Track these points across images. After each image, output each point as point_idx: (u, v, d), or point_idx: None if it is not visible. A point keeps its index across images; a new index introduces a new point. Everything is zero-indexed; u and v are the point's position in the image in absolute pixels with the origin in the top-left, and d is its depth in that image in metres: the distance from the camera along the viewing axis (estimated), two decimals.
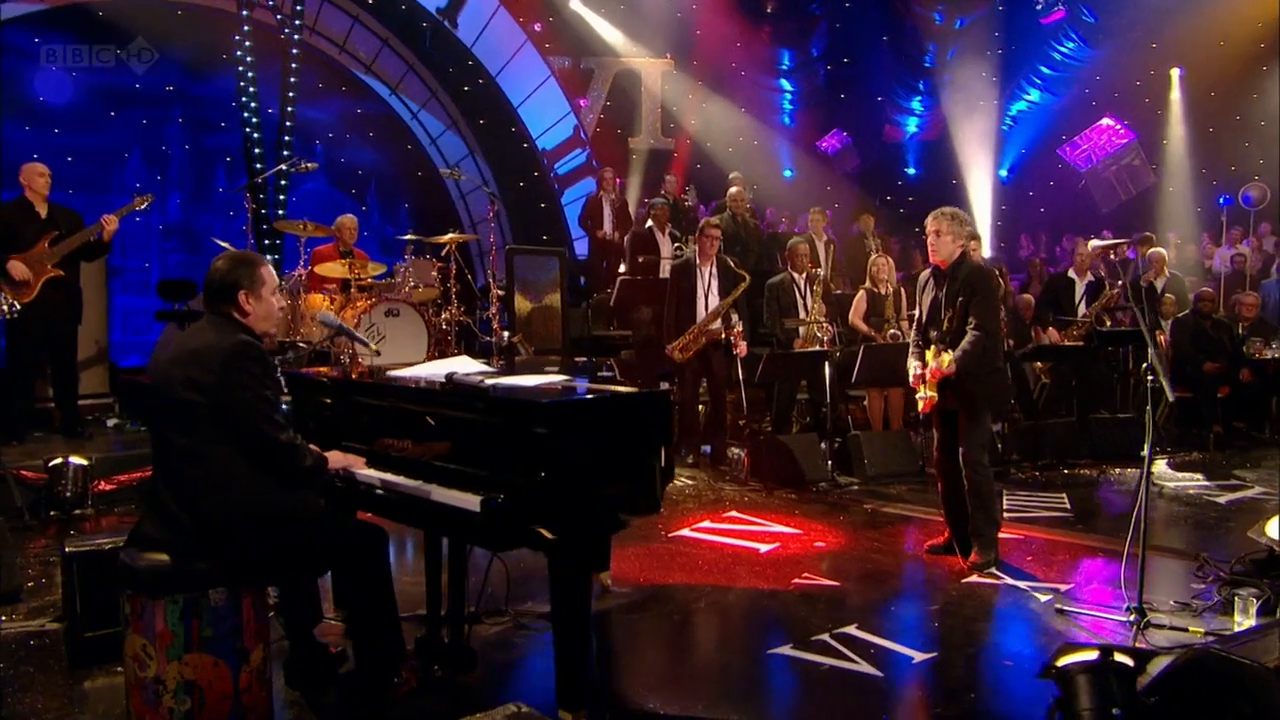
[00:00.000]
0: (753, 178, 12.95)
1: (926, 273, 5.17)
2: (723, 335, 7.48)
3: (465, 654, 3.39)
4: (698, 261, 7.64)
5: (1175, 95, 14.73)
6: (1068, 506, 6.31)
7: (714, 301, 7.53)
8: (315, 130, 12.12)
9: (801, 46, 14.83)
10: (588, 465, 2.84)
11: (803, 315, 7.85)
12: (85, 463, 5.86)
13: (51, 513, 5.70)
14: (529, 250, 9.84)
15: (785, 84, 15.30)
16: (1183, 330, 9.13)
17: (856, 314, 8.21)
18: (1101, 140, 15.99)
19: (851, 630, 3.98)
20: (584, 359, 9.14)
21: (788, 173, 16.24)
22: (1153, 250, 11.00)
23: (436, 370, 3.53)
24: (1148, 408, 3.82)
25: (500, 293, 8.65)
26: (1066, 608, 4.22)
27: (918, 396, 5.13)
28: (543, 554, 2.83)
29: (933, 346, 4.94)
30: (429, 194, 13.69)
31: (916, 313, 5.27)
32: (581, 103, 13.85)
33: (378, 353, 3.28)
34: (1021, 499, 6.50)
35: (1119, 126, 15.68)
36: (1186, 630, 3.92)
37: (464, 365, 3.70)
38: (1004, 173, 15.98)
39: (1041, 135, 15.89)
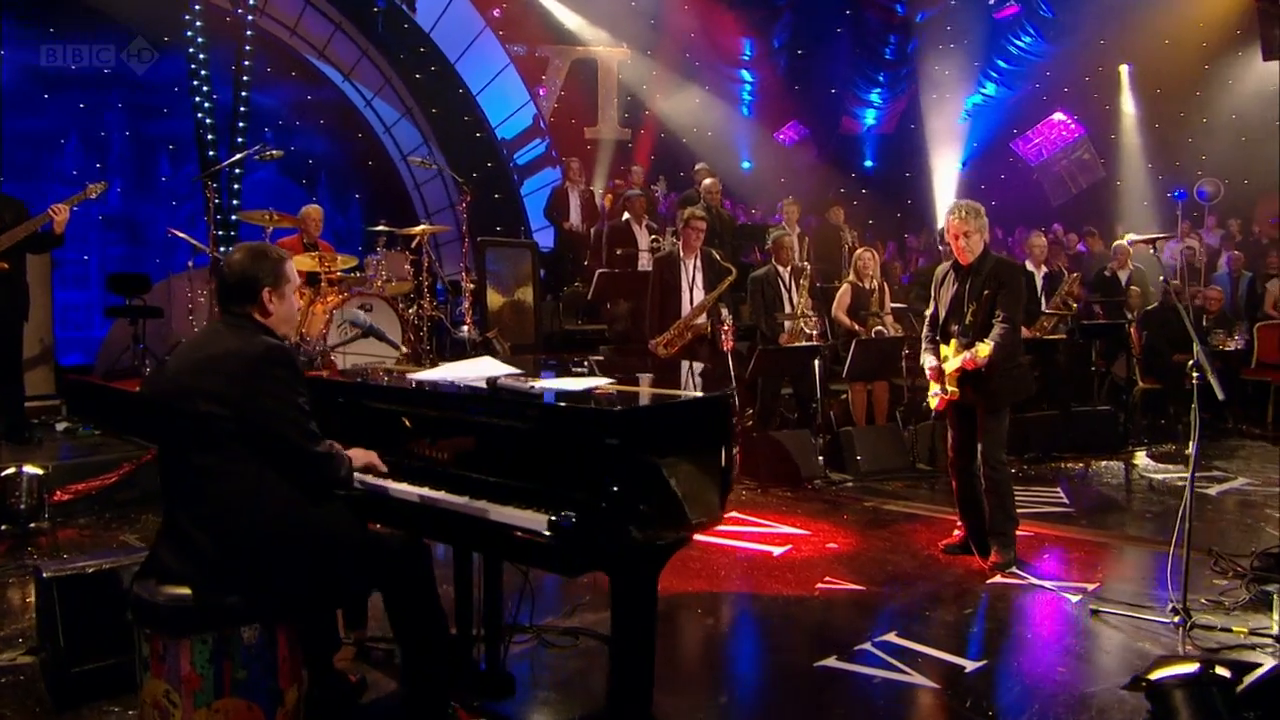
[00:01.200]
0: (711, 169, 12.77)
1: (945, 266, 5.04)
2: (708, 330, 7.29)
3: (503, 679, 3.13)
4: (681, 254, 7.42)
5: (1125, 91, 14.96)
6: (1066, 501, 6.26)
7: (699, 295, 7.32)
8: (265, 117, 11.55)
9: (764, 37, 14.70)
10: (651, 478, 2.59)
11: (788, 309, 7.69)
12: (40, 472, 5.40)
13: (3, 527, 5.24)
14: (501, 242, 9.52)
15: (746, 75, 15.16)
16: (1153, 322, 9.25)
17: (840, 307, 8.09)
18: (1053, 134, 16.22)
19: (892, 638, 3.82)
20: (561, 359, 8.85)
21: (746, 164, 16.13)
22: (1117, 243, 11.16)
23: (463, 373, 3.25)
24: (1193, 405, 3.72)
25: (473, 286, 8.34)
26: (1102, 609, 4.12)
27: (931, 393, 5.00)
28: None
29: (953, 341, 4.81)
30: (382, 184, 13.23)
31: (932, 307, 5.13)
32: (541, 91, 13.51)
33: (404, 353, 2.98)
34: (1019, 494, 6.38)
35: (1070, 121, 15.90)
36: (1230, 630, 3.84)
37: (489, 367, 3.42)
38: (959, 166, 16.10)
39: (995, 129, 16.04)
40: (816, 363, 7.14)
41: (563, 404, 2.69)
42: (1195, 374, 3.70)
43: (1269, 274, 10.42)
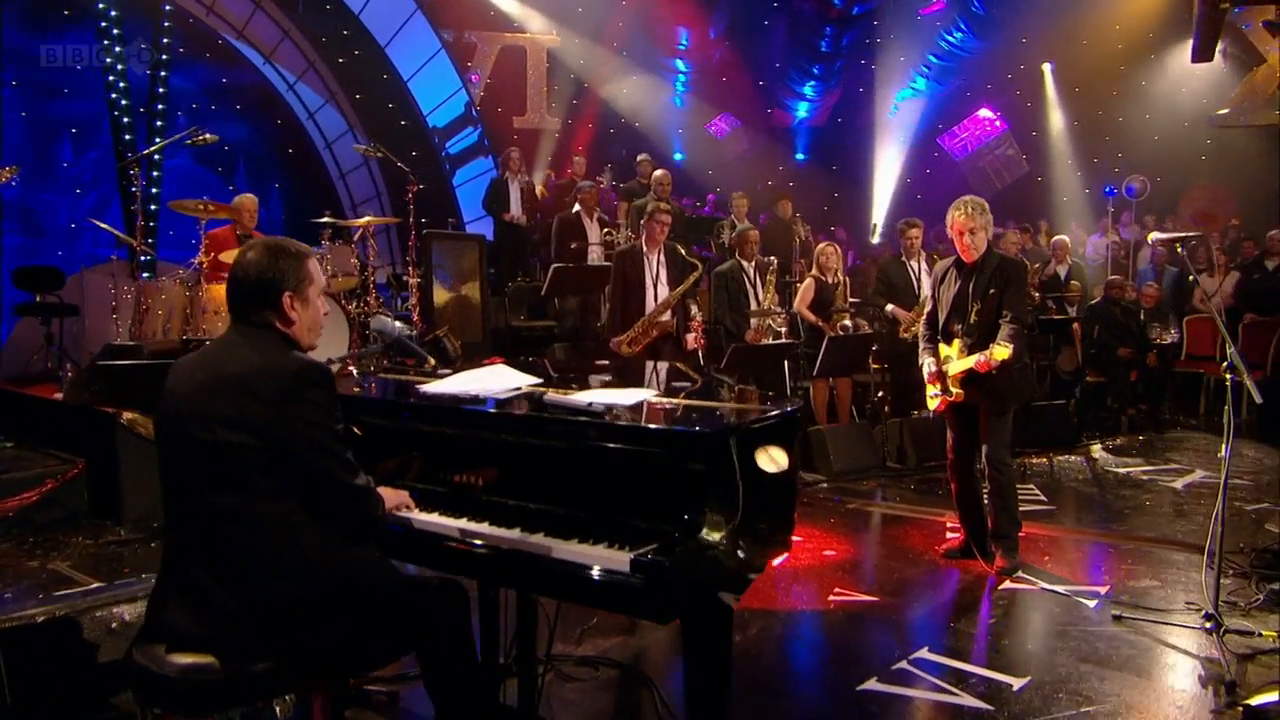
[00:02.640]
0: (653, 161, 12.50)
1: (945, 264, 4.89)
2: (674, 327, 7.03)
3: None
4: (645, 248, 7.12)
5: (1049, 89, 15.29)
6: (1043, 498, 6.24)
7: (663, 291, 7.02)
8: (178, 99, 10.76)
9: (700, 26, 14.48)
10: (749, 502, 2.31)
11: (754, 306, 7.49)
12: None
13: None
14: (447, 235, 9.04)
15: (681, 64, 14.92)
16: (1096, 317, 9.39)
17: (803, 303, 7.92)
18: (978, 130, 16.48)
19: (926, 655, 3.64)
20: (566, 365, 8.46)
21: (679, 155, 15.90)
22: (1056, 238, 11.35)
23: (485, 384, 2.90)
24: (1226, 407, 3.63)
25: (419, 280, 7.89)
26: (1125, 614, 4.02)
27: (931, 394, 4.84)
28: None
29: (955, 341, 4.66)
30: (305, 172, 12.53)
31: (929, 306, 4.99)
32: (473, 78, 13.00)
33: (437, 370, 2.61)
34: None
35: (994, 117, 16.18)
36: (1259, 634, 3.78)
37: (510, 377, 3.08)
38: (889, 160, 16.21)
39: (924, 124, 16.19)
40: (787, 361, 6.97)
41: (652, 426, 2.38)
42: (1229, 375, 3.60)
43: (1198, 268, 10.70)
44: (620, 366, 5.28)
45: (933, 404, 4.85)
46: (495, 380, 3.01)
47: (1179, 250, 4.11)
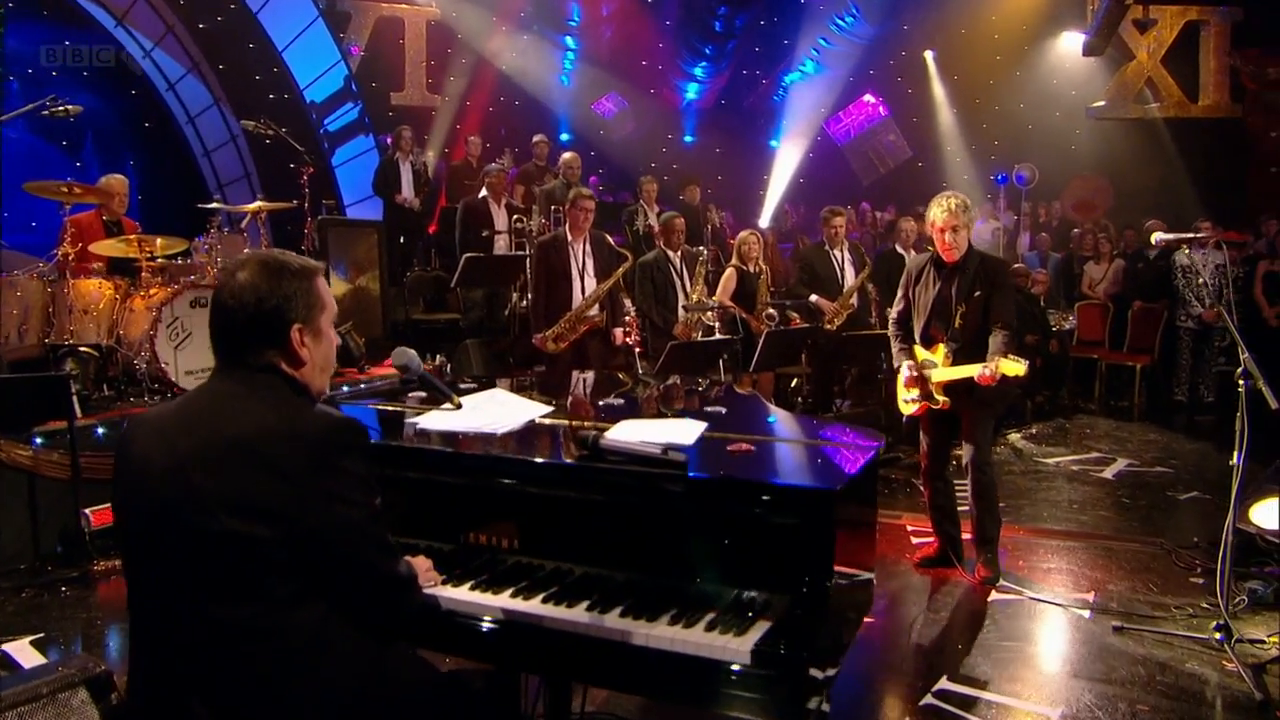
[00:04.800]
0: (548, 141, 11.95)
1: (919, 261, 4.64)
2: (602, 322, 6.62)
3: None
4: (569, 237, 6.67)
5: (932, 77, 15.57)
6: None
7: (590, 283, 6.62)
8: (13, 63, 9.49)
9: (593, 3, 13.96)
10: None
11: (682, 298, 7.14)
12: None
13: None
14: (341, 222, 8.29)
15: (570, 41, 14.36)
16: None
17: (726, 293, 7.62)
18: (861, 115, 16.65)
19: (947, 685, 3.41)
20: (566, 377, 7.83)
21: (565, 136, 15.38)
22: None
23: (491, 416, 2.43)
24: (1239, 414, 3.52)
25: None
26: (1127, 626, 3.91)
27: (907, 398, 4.60)
28: None
29: (941, 347, 4.42)
30: (163, 149, 11.36)
31: (901, 305, 4.71)
32: (353, 50, 12.07)
33: (459, 406, 2.11)
34: None
35: (877, 103, 16.38)
36: (1265, 641, 3.72)
37: (507, 403, 2.62)
38: (775, 143, 16.20)
39: (809, 107, 16.22)
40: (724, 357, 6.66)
41: (778, 481, 1.97)
42: (1242, 380, 3.48)
43: (1084, 255, 11.06)
44: (626, 389, 4.63)
45: (908, 409, 4.64)
46: (499, 410, 2.53)
47: (1185, 251, 4.00)
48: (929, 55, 15.74)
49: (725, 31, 14.39)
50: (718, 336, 6.74)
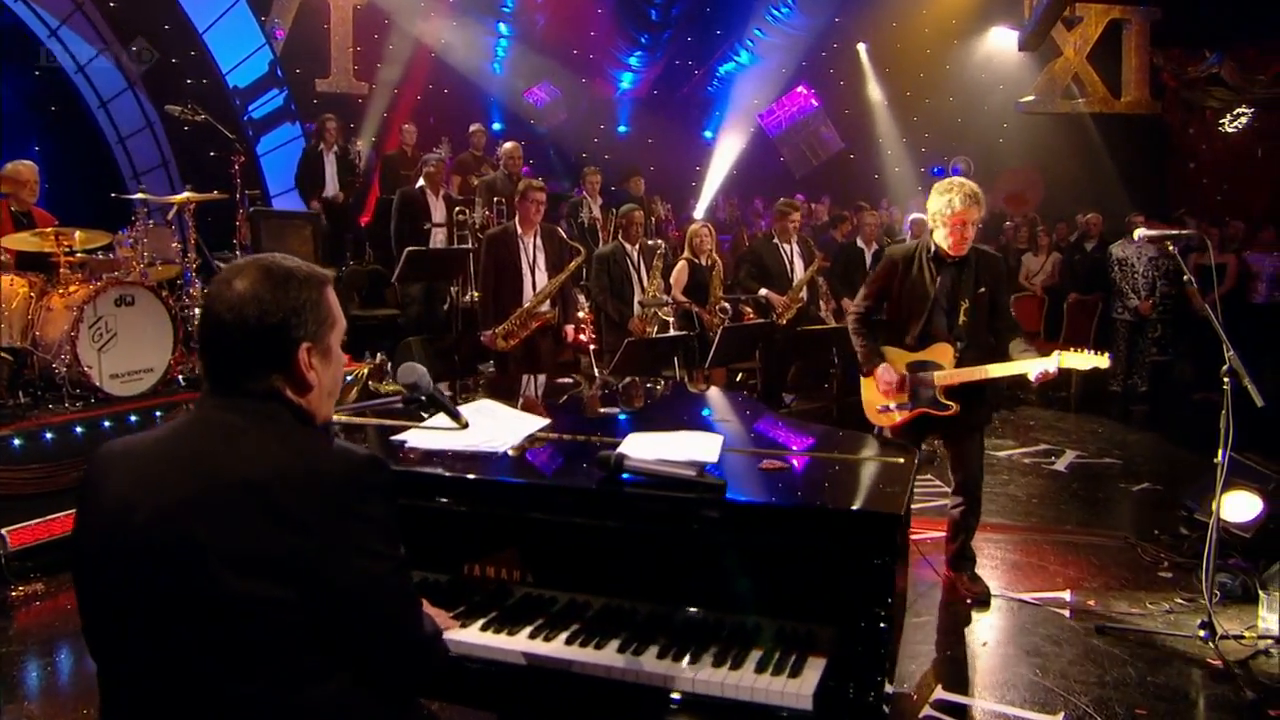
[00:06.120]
0: (485, 130, 11.63)
1: (902, 251, 4.25)
2: (554, 319, 6.40)
3: None
4: (519, 230, 6.43)
5: (865, 69, 15.67)
6: (947, 489, 6.13)
7: (542, 278, 6.39)
8: None
9: None
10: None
11: (639, 292, 6.98)
12: None
13: None
14: (275, 214, 7.88)
15: (503, 28, 14.00)
16: None
17: (678, 286, 7.48)
18: (793, 107, 16.67)
19: (943, 694, 3.32)
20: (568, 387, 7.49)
21: (497, 125, 15.03)
22: (915, 217, 11.51)
23: (486, 431, 2.22)
24: (1223, 412, 3.49)
25: None
26: (1109, 626, 3.88)
27: (883, 407, 4.23)
28: None
29: (948, 347, 4.07)
30: (72, 135, 10.67)
31: (869, 301, 4.32)
32: (278, 34, 11.53)
33: (465, 426, 1.88)
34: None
35: (809, 94, 16.42)
36: (1244, 637, 3.73)
37: (500, 416, 2.41)
38: (709, 134, 16.13)
39: (742, 98, 16.18)
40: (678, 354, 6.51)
41: (835, 509, 1.80)
42: (1228, 379, 3.46)
43: (1019, 248, 11.22)
44: (625, 389, 4.20)
45: (885, 420, 4.26)
46: (492, 424, 2.33)
47: (1170, 248, 3.96)
48: (862, 48, 15.84)
49: (661, 21, 14.24)
50: (673, 333, 6.58)
